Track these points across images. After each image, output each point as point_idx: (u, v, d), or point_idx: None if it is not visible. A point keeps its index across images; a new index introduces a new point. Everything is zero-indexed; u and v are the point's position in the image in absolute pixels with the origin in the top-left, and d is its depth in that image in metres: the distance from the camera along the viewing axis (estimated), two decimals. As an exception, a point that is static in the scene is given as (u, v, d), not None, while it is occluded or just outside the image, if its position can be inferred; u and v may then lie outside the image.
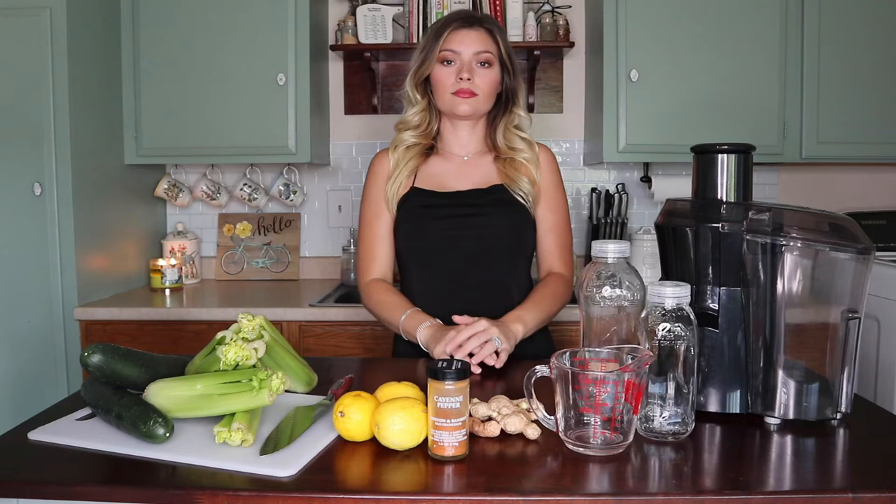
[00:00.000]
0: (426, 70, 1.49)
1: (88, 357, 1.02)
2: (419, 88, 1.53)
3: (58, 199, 2.07)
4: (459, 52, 1.46)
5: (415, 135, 1.54)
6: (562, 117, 2.68)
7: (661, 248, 1.13)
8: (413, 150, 1.54)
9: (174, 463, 0.89)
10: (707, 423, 1.01)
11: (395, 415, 0.91)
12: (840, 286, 0.99)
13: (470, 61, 1.46)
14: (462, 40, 1.46)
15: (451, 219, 1.48)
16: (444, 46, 1.46)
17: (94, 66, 2.22)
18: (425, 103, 1.53)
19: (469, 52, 1.46)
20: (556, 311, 1.48)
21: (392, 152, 1.55)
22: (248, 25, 2.34)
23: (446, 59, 1.47)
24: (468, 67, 1.46)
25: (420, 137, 1.54)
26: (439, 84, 1.48)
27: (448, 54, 1.47)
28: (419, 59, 1.50)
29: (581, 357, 0.97)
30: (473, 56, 1.46)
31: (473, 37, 1.47)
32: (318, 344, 2.11)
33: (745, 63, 2.29)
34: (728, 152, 1.06)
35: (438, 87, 1.49)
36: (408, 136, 1.54)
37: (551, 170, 1.56)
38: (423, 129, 1.54)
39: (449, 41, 1.46)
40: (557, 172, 1.57)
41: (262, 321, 1.12)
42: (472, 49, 1.46)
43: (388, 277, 1.55)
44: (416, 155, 1.53)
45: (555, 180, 1.55)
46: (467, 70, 1.46)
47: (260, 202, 2.66)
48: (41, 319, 2.10)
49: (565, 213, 1.56)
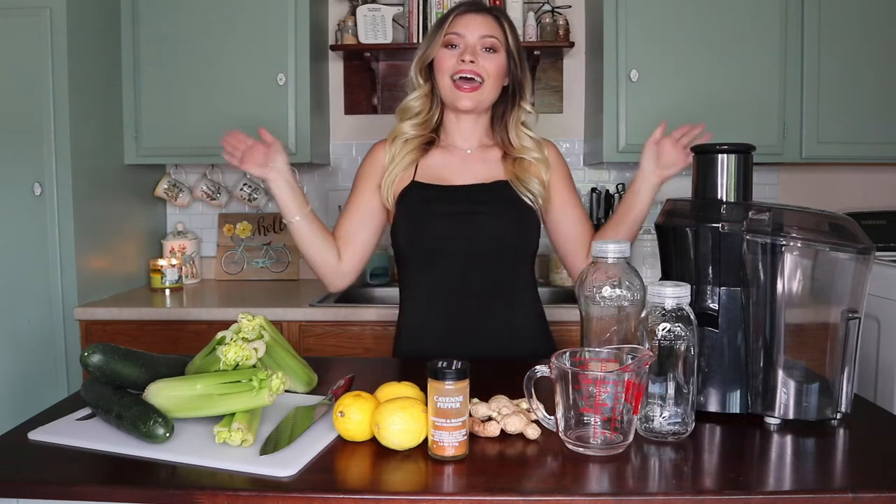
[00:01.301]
0: (430, 54, 1.45)
1: (88, 357, 1.02)
2: (423, 74, 1.49)
3: (58, 199, 2.07)
4: (463, 35, 1.42)
5: (414, 124, 1.50)
6: (562, 117, 2.68)
7: (661, 248, 1.13)
8: (412, 142, 1.49)
9: (174, 463, 0.89)
10: (707, 423, 1.01)
11: (395, 415, 0.91)
12: (840, 286, 0.99)
13: (474, 45, 1.42)
14: (467, 24, 1.43)
15: (452, 215, 1.44)
16: (448, 30, 1.43)
17: (94, 66, 2.22)
18: (427, 88, 1.49)
19: (474, 36, 1.42)
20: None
21: (389, 144, 1.51)
22: (248, 25, 2.34)
23: (450, 43, 1.43)
24: (472, 50, 1.42)
25: (420, 128, 1.50)
26: (441, 67, 1.44)
27: (452, 37, 1.43)
28: (424, 45, 1.47)
29: (581, 357, 0.97)
30: (478, 40, 1.42)
31: (479, 21, 1.44)
32: (318, 344, 2.11)
33: (745, 63, 2.29)
34: (728, 152, 1.06)
35: (440, 71, 1.44)
36: (407, 128, 1.50)
37: (561, 164, 1.54)
38: (424, 117, 1.50)
39: (454, 24, 1.43)
40: (567, 167, 1.56)
41: (262, 321, 1.12)
42: (478, 33, 1.42)
43: (339, 239, 1.49)
44: (415, 148, 1.49)
45: (567, 174, 1.55)
46: (471, 52, 1.41)
47: (260, 202, 2.66)
48: (41, 319, 2.10)
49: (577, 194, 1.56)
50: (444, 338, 1.45)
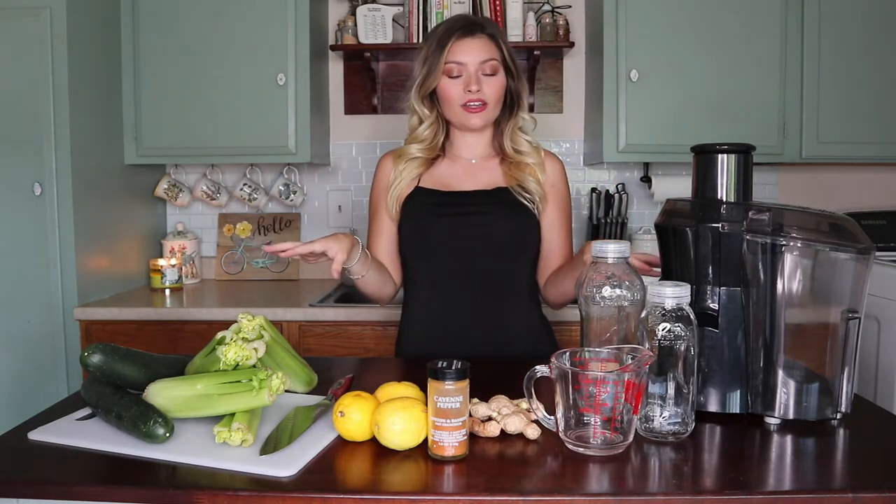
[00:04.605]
0: (432, 83, 1.47)
1: (88, 357, 1.02)
2: (426, 102, 1.51)
3: (58, 199, 2.07)
4: (465, 64, 1.44)
5: (421, 148, 1.52)
6: (562, 117, 2.68)
7: (661, 248, 1.13)
8: (418, 159, 1.52)
9: (174, 463, 0.89)
10: (707, 423, 1.01)
11: (395, 415, 0.91)
12: (840, 286, 0.99)
13: (476, 71, 1.44)
14: (467, 50, 1.44)
15: (454, 217, 1.47)
16: (448, 59, 1.44)
17: (94, 66, 2.22)
18: (434, 117, 1.52)
19: (475, 63, 1.44)
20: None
21: (395, 162, 1.53)
22: (248, 25, 2.34)
23: (452, 71, 1.45)
24: (476, 78, 1.44)
25: (427, 151, 1.52)
26: (448, 98, 1.46)
27: (453, 67, 1.44)
28: (423, 72, 1.48)
29: (581, 357, 0.97)
30: (479, 66, 1.44)
31: (478, 45, 1.45)
32: (318, 344, 2.11)
33: (744, 63, 2.29)
34: (728, 152, 1.06)
35: (447, 101, 1.47)
36: (414, 150, 1.52)
37: (560, 181, 1.54)
38: (430, 143, 1.52)
39: (453, 53, 1.44)
40: (568, 189, 1.56)
41: (262, 321, 1.12)
42: (478, 59, 1.44)
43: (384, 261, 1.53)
44: (420, 164, 1.52)
45: (565, 195, 1.55)
46: (475, 82, 1.44)
47: (260, 202, 2.66)
48: (41, 319, 2.10)
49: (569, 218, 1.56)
50: (446, 338, 1.46)
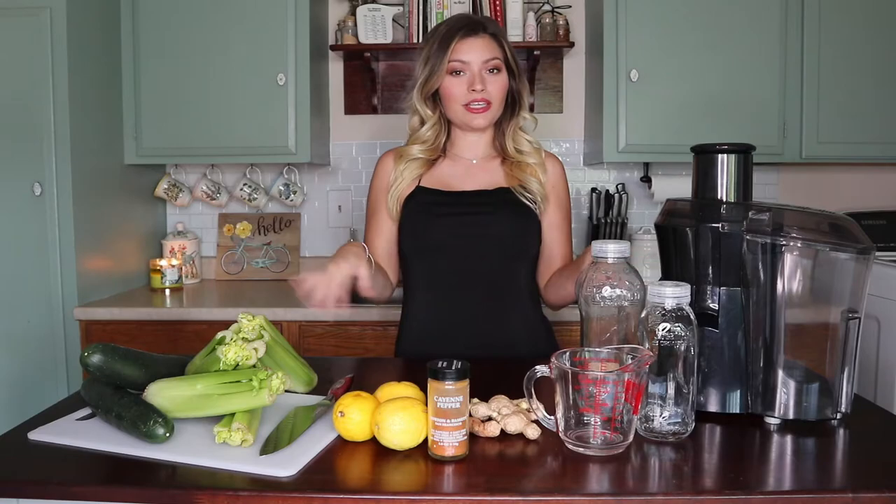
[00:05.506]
0: (435, 83, 1.46)
1: (88, 357, 1.02)
2: (428, 102, 1.50)
3: (58, 199, 2.07)
4: (469, 62, 1.44)
5: (423, 149, 1.51)
6: (562, 117, 2.68)
7: (661, 248, 1.13)
8: (419, 160, 1.52)
9: (174, 463, 0.89)
10: (707, 423, 1.01)
11: (395, 415, 0.91)
12: (840, 286, 0.99)
13: (480, 70, 1.44)
14: (470, 49, 1.44)
15: (454, 216, 1.47)
16: (452, 57, 1.44)
17: (94, 66, 2.22)
18: (436, 117, 1.51)
19: (478, 61, 1.44)
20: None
21: (396, 162, 1.52)
22: (248, 25, 2.34)
23: (456, 70, 1.45)
24: (479, 77, 1.44)
25: (429, 152, 1.52)
26: (451, 96, 1.46)
27: (457, 65, 1.44)
28: (426, 72, 1.47)
29: (581, 357, 0.97)
30: (483, 65, 1.44)
31: (480, 44, 1.45)
32: (318, 344, 2.11)
33: (745, 63, 2.29)
34: (728, 152, 1.06)
35: (450, 100, 1.47)
36: (416, 151, 1.52)
37: (561, 183, 1.55)
38: (433, 144, 1.52)
39: (457, 51, 1.44)
40: (568, 191, 1.56)
41: (262, 321, 1.12)
42: (482, 57, 1.44)
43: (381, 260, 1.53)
44: (421, 164, 1.52)
45: (565, 197, 1.55)
46: (479, 80, 1.44)
47: (260, 202, 2.66)
48: (41, 319, 2.10)
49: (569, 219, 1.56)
50: (446, 338, 1.46)
